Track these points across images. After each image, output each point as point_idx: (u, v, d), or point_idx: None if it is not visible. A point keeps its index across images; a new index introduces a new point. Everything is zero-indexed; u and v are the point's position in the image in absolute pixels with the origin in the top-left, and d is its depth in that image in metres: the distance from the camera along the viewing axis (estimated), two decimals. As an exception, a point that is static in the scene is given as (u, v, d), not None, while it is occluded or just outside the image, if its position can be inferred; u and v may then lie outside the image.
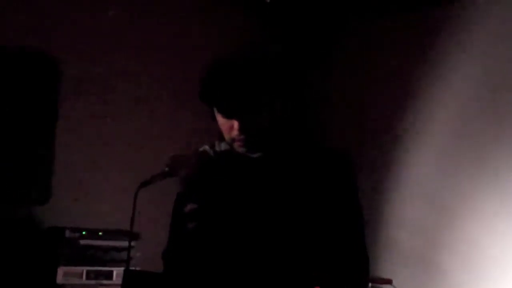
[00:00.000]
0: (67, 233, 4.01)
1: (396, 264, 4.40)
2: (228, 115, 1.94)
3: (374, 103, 4.81)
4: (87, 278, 3.99)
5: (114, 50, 4.62)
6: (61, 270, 3.92)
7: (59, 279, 3.91)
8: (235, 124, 1.93)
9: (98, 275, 4.02)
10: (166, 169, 1.99)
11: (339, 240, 1.94)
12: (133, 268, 3.89)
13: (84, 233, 4.06)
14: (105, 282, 4.05)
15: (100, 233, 4.12)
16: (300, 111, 4.89)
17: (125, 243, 4.06)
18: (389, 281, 4.21)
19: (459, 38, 4.29)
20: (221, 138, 2.04)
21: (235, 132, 1.94)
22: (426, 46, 4.48)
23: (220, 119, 1.96)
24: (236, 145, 1.98)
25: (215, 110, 1.97)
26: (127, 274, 3.14)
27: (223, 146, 2.06)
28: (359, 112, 4.89)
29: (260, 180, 1.98)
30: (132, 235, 2.66)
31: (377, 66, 4.80)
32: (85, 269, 4.00)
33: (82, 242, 4.04)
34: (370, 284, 3.82)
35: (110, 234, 4.13)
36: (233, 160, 2.00)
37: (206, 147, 2.05)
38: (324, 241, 1.93)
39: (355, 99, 4.92)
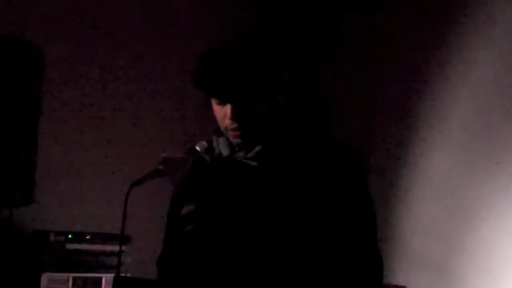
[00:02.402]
0: (52, 237, 4.00)
1: (410, 270, 4.38)
2: (220, 99, 1.95)
3: (385, 98, 4.79)
4: (74, 285, 3.98)
5: (103, 43, 4.61)
6: (45, 277, 3.91)
7: (43, 286, 3.90)
8: (228, 111, 1.93)
9: (85, 282, 4.01)
10: (160, 167, 1.98)
11: (350, 244, 1.93)
12: (124, 274, 3.88)
13: (70, 236, 4.05)
14: (93, 290, 4.04)
15: (88, 237, 4.11)
16: (306, 104, 4.89)
17: (115, 248, 4.06)
18: (402, 288, 4.22)
19: (478, 30, 4.28)
20: (219, 133, 2.03)
21: (228, 120, 1.94)
22: (442, 37, 4.47)
23: (215, 107, 1.98)
24: (230, 135, 1.97)
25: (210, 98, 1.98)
26: (117, 281, 3.13)
27: (221, 142, 2.05)
28: (368, 106, 4.88)
29: (261, 179, 1.96)
30: (122, 239, 2.65)
31: (388, 58, 4.78)
32: (71, 275, 3.98)
33: (68, 246, 4.03)
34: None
35: (99, 237, 4.11)
36: (231, 167, 2.00)
37: (204, 143, 2.04)
38: (333, 245, 1.92)
39: (364, 94, 4.91)
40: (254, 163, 1.98)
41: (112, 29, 4.63)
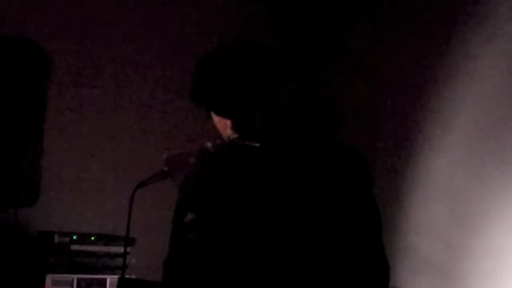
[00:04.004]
0: (57, 238, 4.00)
1: (414, 273, 4.38)
2: (219, 114, 1.97)
3: (388, 98, 4.79)
4: (78, 286, 3.98)
5: (109, 45, 4.62)
6: (49, 278, 3.91)
7: (48, 287, 3.91)
8: (228, 122, 1.96)
9: (90, 283, 4.02)
10: (165, 168, 1.99)
11: (356, 246, 1.93)
12: (128, 276, 3.89)
13: (75, 237, 4.05)
14: (97, 291, 4.05)
15: (93, 238, 4.11)
16: (308, 106, 4.89)
17: (119, 249, 4.04)
18: (405, 291, 4.21)
19: (483, 27, 4.28)
20: (221, 136, 2.05)
21: (229, 130, 1.97)
22: (447, 36, 4.46)
23: (215, 118, 2.01)
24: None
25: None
26: (121, 282, 3.14)
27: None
28: (372, 107, 4.88)
29: (263, 182, 1.97)
30: (127, 240, 2.66)
31: (392, 57, 4.79)
32: (75, 277, 3.98)
33: (73, 247, 4.03)
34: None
35: (104, 239, 4.12)
36: (234, 152, 2.00)
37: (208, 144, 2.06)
38: (338, 247, 1.93)
39: (367, 94, 4.91)
40: (257, 144, 1.98)
41: (116, 30, 4.64)
